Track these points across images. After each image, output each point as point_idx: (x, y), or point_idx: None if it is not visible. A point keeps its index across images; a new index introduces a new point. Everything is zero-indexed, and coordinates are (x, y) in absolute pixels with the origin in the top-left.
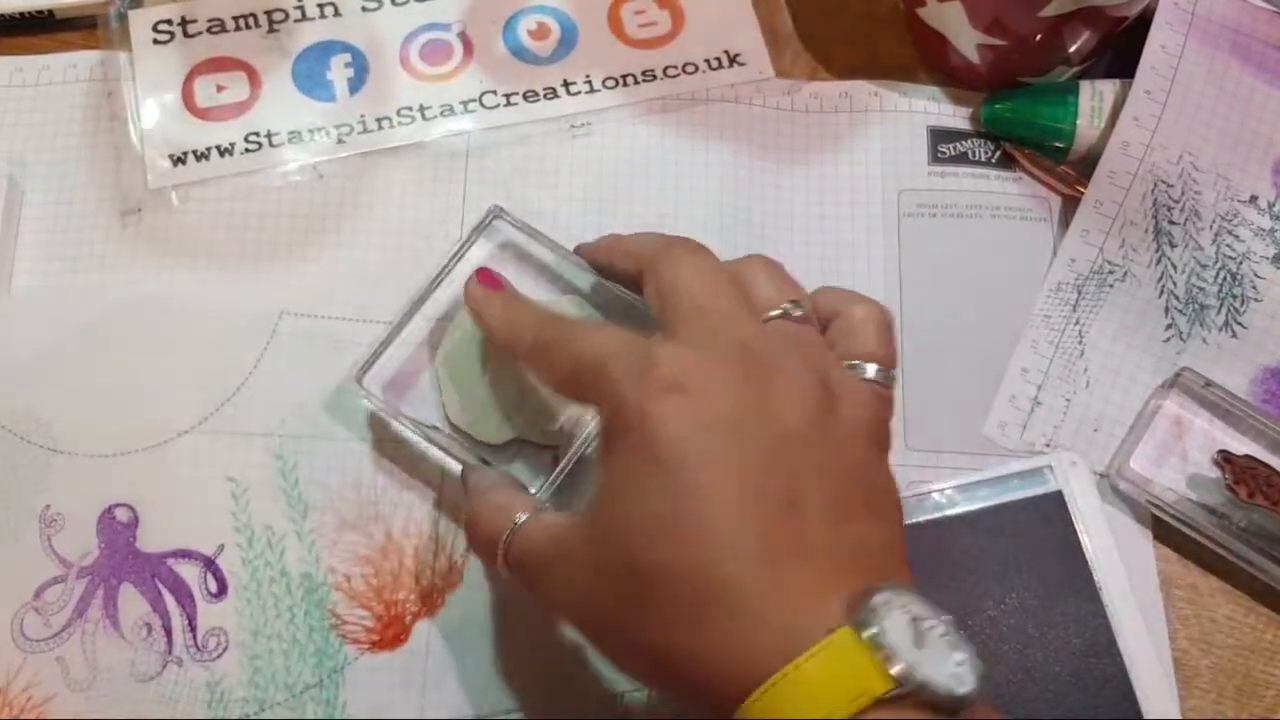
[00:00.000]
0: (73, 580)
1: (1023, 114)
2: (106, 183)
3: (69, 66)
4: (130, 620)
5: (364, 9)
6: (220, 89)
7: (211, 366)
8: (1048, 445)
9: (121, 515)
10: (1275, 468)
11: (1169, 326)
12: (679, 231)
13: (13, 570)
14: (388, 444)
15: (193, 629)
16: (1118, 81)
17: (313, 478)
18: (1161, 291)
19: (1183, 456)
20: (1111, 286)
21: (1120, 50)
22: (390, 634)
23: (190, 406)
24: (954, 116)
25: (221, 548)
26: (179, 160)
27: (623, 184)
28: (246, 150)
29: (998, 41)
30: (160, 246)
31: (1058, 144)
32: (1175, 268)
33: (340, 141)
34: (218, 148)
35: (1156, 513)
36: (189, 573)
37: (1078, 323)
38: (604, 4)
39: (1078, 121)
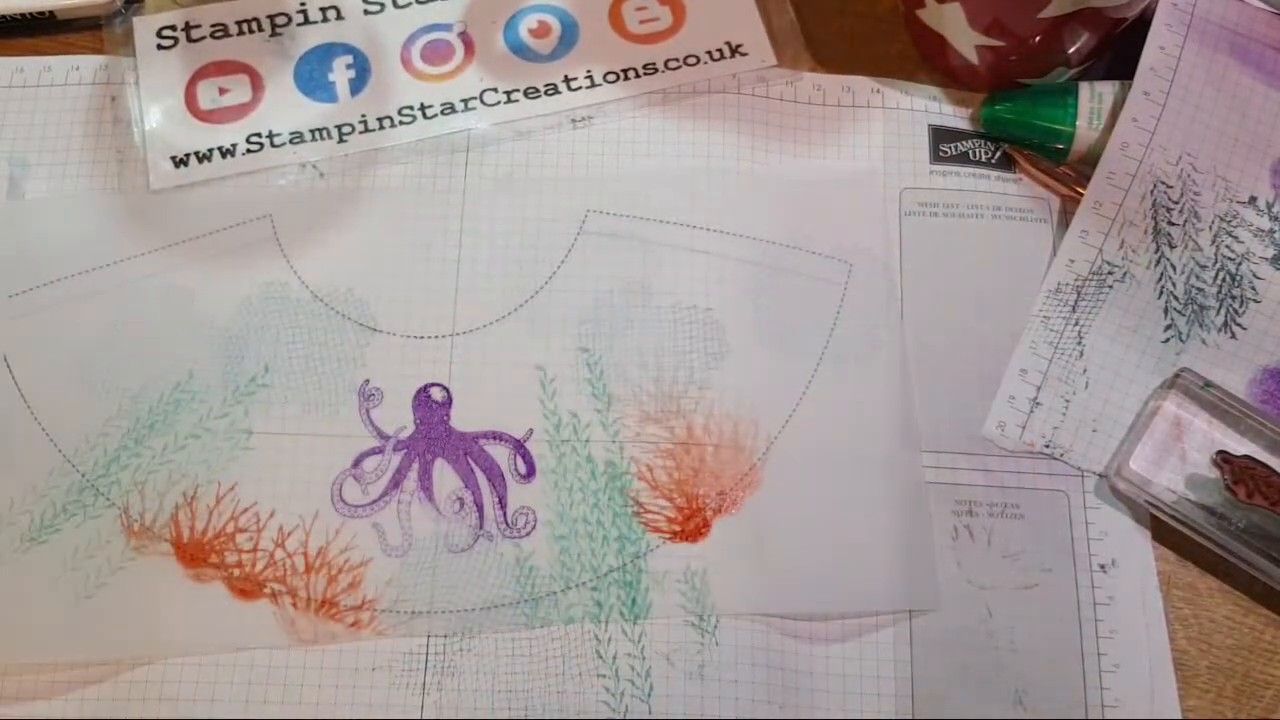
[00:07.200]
0: (390, 452)
1: (1022, 115)
2: (109, 185)
3: (71, 69)
4: (444, 494)
5: (366, 11)
6: (223, 91)
7: (521, 259)
8: (1047, 446)
9: (436, 395)
10: (1274, 468)
11: (1168, 327)
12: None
13: (334, 439)
14: (681, 342)
15: (503, 506)
16: (1117, 83)
17: (616, 370)
18: (1160, 292)
19: (1182, 457)
20: (1111, 287)
21: (1120, 51)
22: (691, 526)
23: (501, 296)
24: (955, 116)
25: (530, 432)
26: (181, 162)
27: (624, 175)
28: (248, 151)
29: (997, 43)
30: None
31: (1057, 145)
32: (1174, 268)
33: (341, 141)
34: (220, 149)
35: (1155, 513)
36: (499, 453)
37: (1077, 323)
38: (605, 1)
39: (1077, 123)
